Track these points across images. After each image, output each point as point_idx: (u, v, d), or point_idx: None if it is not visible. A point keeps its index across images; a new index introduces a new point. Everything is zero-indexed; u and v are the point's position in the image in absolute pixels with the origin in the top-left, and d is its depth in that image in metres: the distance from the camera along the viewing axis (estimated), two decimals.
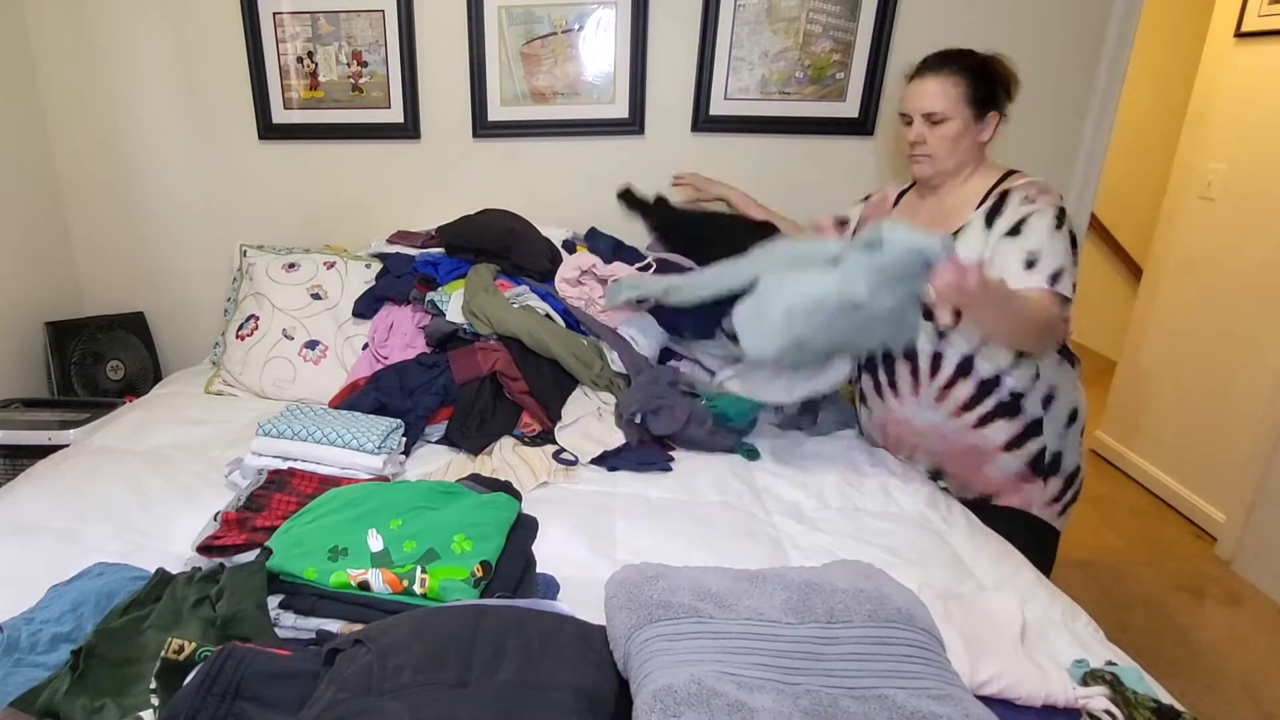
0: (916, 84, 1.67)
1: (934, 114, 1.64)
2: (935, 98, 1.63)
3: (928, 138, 1.66)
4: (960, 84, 1.62)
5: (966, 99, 1.63)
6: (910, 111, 1.68)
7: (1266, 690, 2.14)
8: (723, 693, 0.81)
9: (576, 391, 1.98)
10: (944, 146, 1.66)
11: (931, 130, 1.65)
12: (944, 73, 1.63)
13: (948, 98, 1.63)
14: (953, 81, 1.62)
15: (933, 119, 1.64)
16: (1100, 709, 1.00)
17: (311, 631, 1.13)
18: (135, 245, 2.67)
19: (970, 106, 1.63)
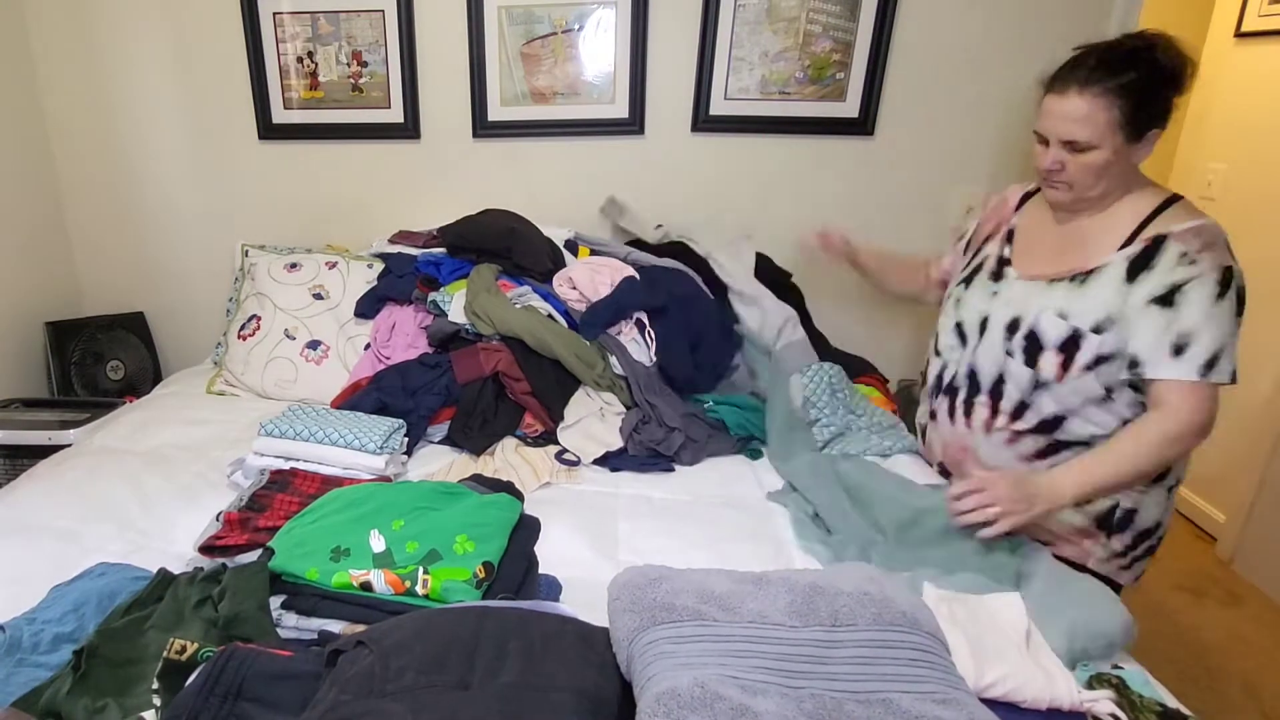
0: (1057, 101, 1.35)
1: (1077, 142, 1.34)
2: (1080, 124, 1.32)
3: (1068, 165, 1.37)
4: (1115, 106, 1.29)
5: (1121, 123, 1.30)
6: (1047, 134, 1.38)
7: (1266, 690, 2.15)
8: (726, 696, 0.81)
9: (579, 392, 1.98)
10: (1088, 177, 1.36)
11: (1073, 157, 1.36)
12: (1095, 90, 1.30)
13: (1095, 125, 1.31)
14: (1105, 104, 1.30)
15: (1075, 146, 1.35)
16: (1106, 712, 1.00)
17: (313, 632, 1.13)
18: (135, 245, 2.67)
19: (1125, 130, 1.31)
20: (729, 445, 1.87)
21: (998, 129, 2.33)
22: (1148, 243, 1.34)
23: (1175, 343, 1.31)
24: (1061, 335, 1.40)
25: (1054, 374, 1.41)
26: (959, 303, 1.61)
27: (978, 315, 1.55)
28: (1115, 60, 1.31)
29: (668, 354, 1.99)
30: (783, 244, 2.40)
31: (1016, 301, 1.48)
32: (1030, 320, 1.44)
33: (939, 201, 2.43)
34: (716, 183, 2.46)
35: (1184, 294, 1.30)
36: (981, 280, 1.58)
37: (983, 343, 1.52)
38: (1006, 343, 1.48)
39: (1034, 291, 1.46)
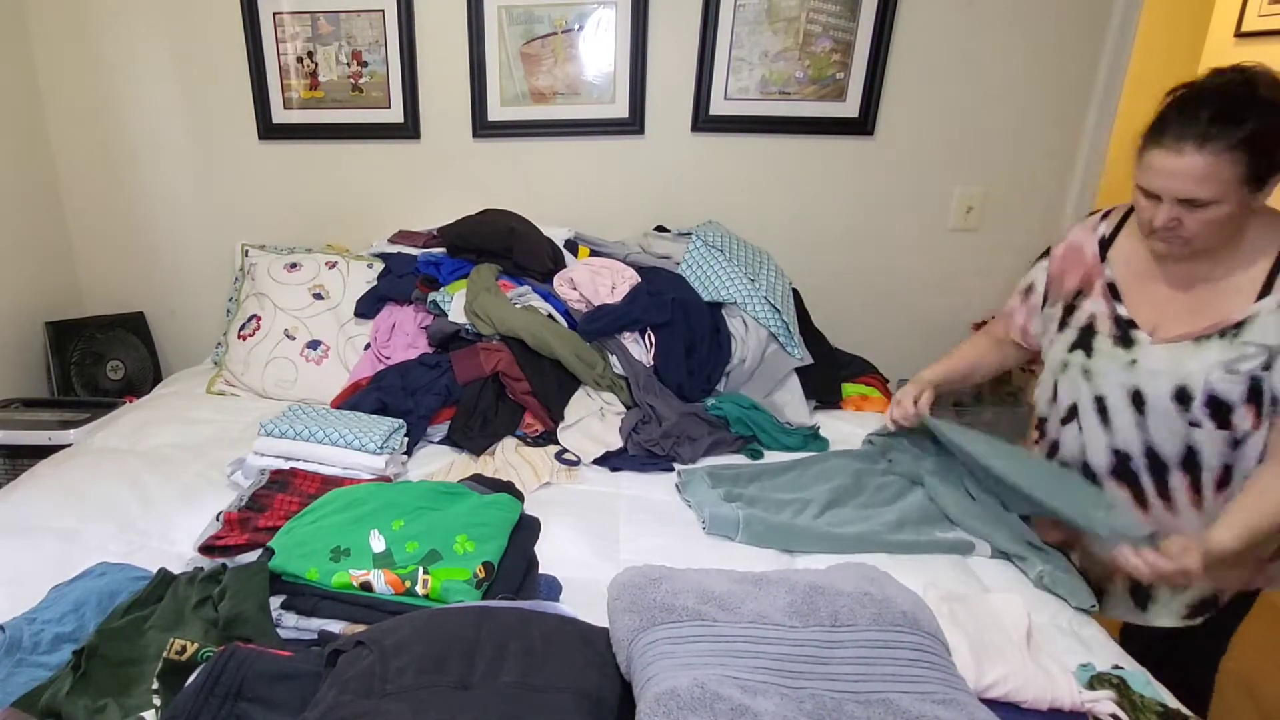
0: (1170, 159, 1.20)
1: (1197, 200, 1.20)
2: (1202, 184, 1.18)
3: (1186, 222, 1.23)
4: (1240, 161, 1.16)
5: (1244, 178, 1.17)
6: (1158, 192, 1.23)
7: (1267, 690, 2.14)
8: (726, 696, 0.81)
9: (579, 392, 1.98)
10: (1209, 231, 1.24)
11: (1193, 214, 1.22)
12: (1216, 147, 1.16)
13: (1219, 183, 1.18)
14: (1230, 159, 1.16)
15: (1195, 204, 1.21)
16: (1107, 713, 1.00)
17: (313, 632, 1.13)
18: (135, 245, 2.67)
19: (1250, 184, 1.19)
20: (729, 443, 1.87)
21: (997, 129, 2.33)
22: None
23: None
24: (1242, 388, 1.29)
25: (1250, 423, 1.31)
26: (1089, 374, 1.45)
27: (1123, 390, 1.40)
28: (1232, 110, 1.17)
29: (664, 360, 1.99)
30: (783, 244, 2.40)
31: (1167, 369, 1.35)
32: (1202, 385, 1.31)
33: (939, 201, 2.43)
34: (716, 183, 2.46)
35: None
36: (1106, 347, 1.42)
37: (1147, 419, 1.39)
38: (1186, 414, 1.34)
39: (1183, 354, 1.33)
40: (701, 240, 2.23)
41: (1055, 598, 1.36)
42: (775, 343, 2.08)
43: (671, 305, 2.03)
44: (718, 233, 2.26)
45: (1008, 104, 2.30)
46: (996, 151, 2.36)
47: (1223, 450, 1.34)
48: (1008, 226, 2.44)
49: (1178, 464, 1.39)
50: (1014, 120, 2.31)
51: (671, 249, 2.29)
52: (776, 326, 2.08)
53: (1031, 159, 2.36)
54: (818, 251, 2.49)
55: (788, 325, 2.09)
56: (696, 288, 2.13)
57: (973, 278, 2.49)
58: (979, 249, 2.43)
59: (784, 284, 2.21)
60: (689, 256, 2.21)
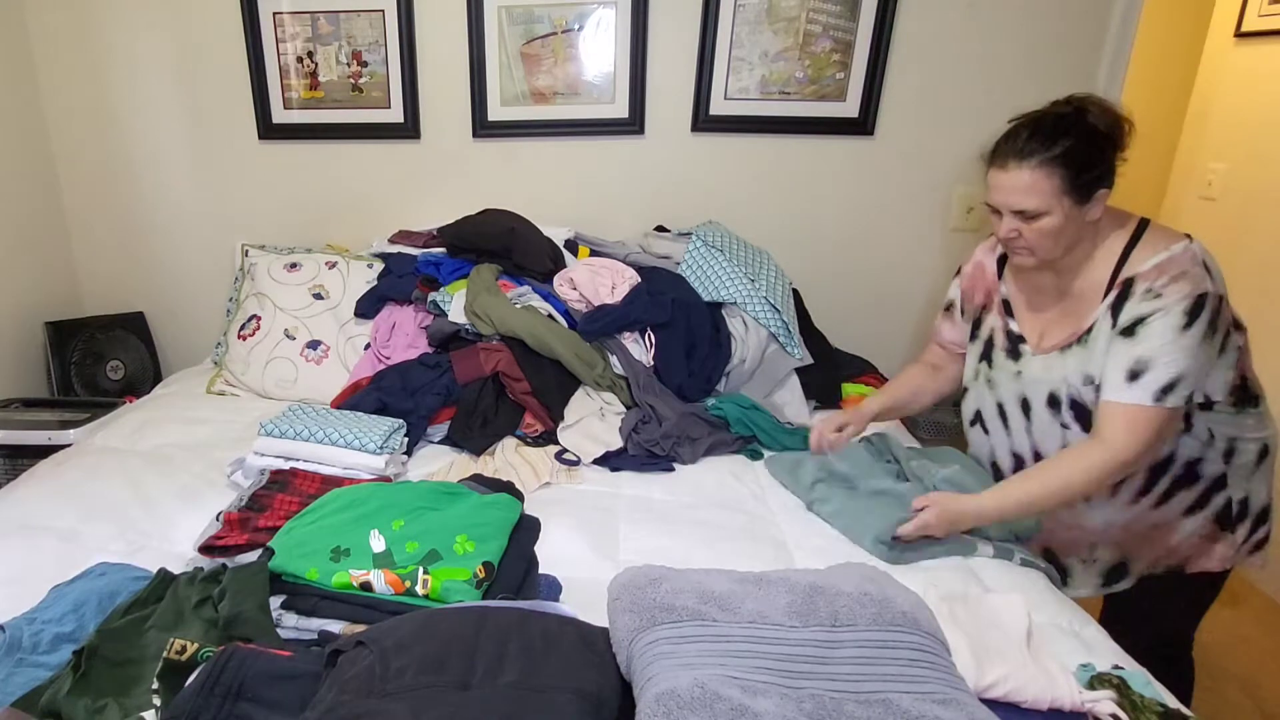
0: (999, 175, 1.39)
1: (1026, 211, 1.37)
2: (1026, 194, 1.36)
3: (1024, 232, 1.40)
4: (1055, 174, 1.34)
5: (1065, 189, 1.34)
6: (997, 206, 1.42)
7: (1266, 690, 2.14)
8: (726, 696, 0.81)
9: (579, 392, 1.98)
10: (1045, 241, 1.39)
11: (1027, 225, 1.39)
12: (1033, 161, 1.35)
13: (1040, 193, 1.35)
14: (1045, 173, 1.34)
15: (1026, 215, 1.38)
16: (1107, 713, 0.99)
17: (313, 632, 1.13)
18: (135, 245, 2.67)
19: (1071, 195, 1.35)
20: (729, 443, 1.87)
21: (997, 129, 2.32)
22: (1120, 287, 1.38)
23: (1131, 369, 1.34)
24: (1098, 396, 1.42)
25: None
26: (991, 383, 1.61)
27: (1014, 397, 1.57)
28: (1047, 130, 1.36)
29: (664, 360, 1.99)
30: (783, 244, 2.40)
31: (1042, 378, 1.51)
32: (1066, 393, 1.47)
33: (939, 201, 2.43)
34: (716, 183, 2.46)
35: (1146, 326, 1.33)
36: (1000, 360, 1.59)
37: (1032, 424, 1.54)
38: (1058, 416, 1.49)
39: (1053, 364, 1.49)
40: (701, 240, 2.23)
41: (1055, 597, 1.36)
42: (775, 343, 2.08)
43: (671, 305, 2.03)
44: (718, 233, 2.26)
45: (1008, 104, 2.27)
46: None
47: None
48: None
49: None
50: None
51: (671, 249, 2.29)
52: (776, 327, 2.08)
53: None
54: (818, 251, 2.49)
55: (788, 325, 2.09)
56: (696, 288, 2.13)
57: None
58: None
59: (784, 284, 2.21)
60: (689, 256, 2.21)
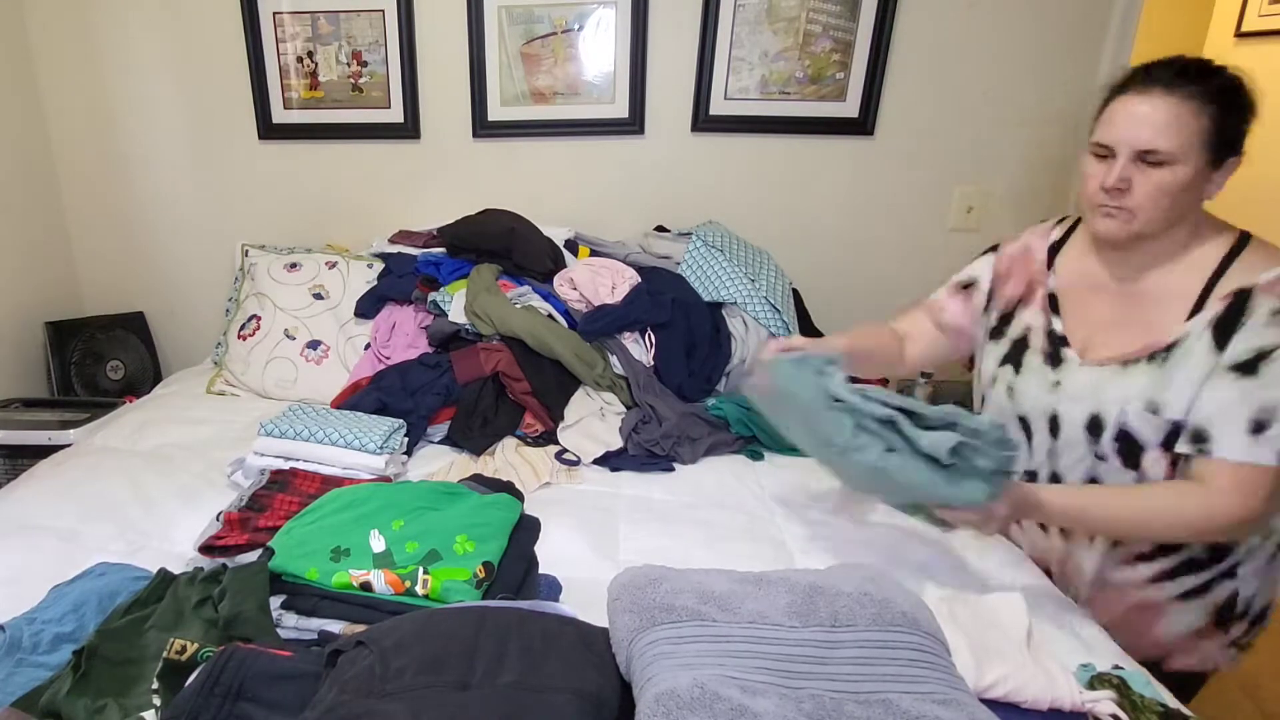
0: (1133, 103, 1.12)
1: (1156, 152, 1.10)
2: (1164, 129, 1.09)
3: (1136, 184, 1.13)
4: (1204, 113, 1.09)
5: (1209, 136, 1.10)
6: (1115, 143, 1.14)
7: (1266, 690, 2.14)
8: (726, 697, 0.81)
9: (579, 392, 1.98)
10: (1159, 202, 1.12)
11: (1145, 174, 1.12)
12: (1182, 93, 1.09)
13: (1183, 130, 1.09)
14: (1195, 108, 1.09)
15: (1150, 159, 1.11)
16: (1107, 713, 0.99)
17: (313, 632, 1.13)
18: (135, 245, 2.67)
19: (1211, 148, 1.11)
20: (729, 443, 1.87)
21: (997, 129, 2.33)
22: (1230, 299, 1.12)
23: (1255, 418, 1.08)
24: (1162, 432, 1.18)
25: (1163, 472, 1.20)
26: (1012, 391, 1.36)
27: (1043, 412, 1.32)
28: (1201, 66, 1.12)
29: (664, 360, 1.99)
30: (783, 244, 2.40)
31: (1088, 395, 1.25)
32: (1116, 417, 1.21)
33: (939, 201, 2.43)
34: (716, 183, 2.46)
35: (1272, 360, 1.08)
36: (1035, 365, 1.33)
37: (1059, 445, 1.30)
38: (1094, 445, 1.25)
39: (1107, 380, 1.23)
40: (701, 240, 2.23)
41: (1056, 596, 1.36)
42: None
43: (672, 305, 2.03)
44: (718, 233, 2.26)
45: (1008, 104, 2.30)
46: (996, 151, 2.36)
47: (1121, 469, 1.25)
48: (1008, 226, 2.42)
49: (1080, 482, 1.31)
50: (1014, 120, 2.31)
51: (671, 249, 2.29)
52: (776, 327, 2.08)
53: (1031, 159, 2.36)
54: (818, 251, 2.49)
55: (788, 325, 2.09)
56: (696, 288, 2.14)
57: None
58: (979, 249, 2.41)
59: (784, 284, 2.21)
60: (689, 256, 2.21)
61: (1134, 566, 1.31)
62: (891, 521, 1.58)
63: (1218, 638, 1.33)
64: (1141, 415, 1.19)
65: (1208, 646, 1.33)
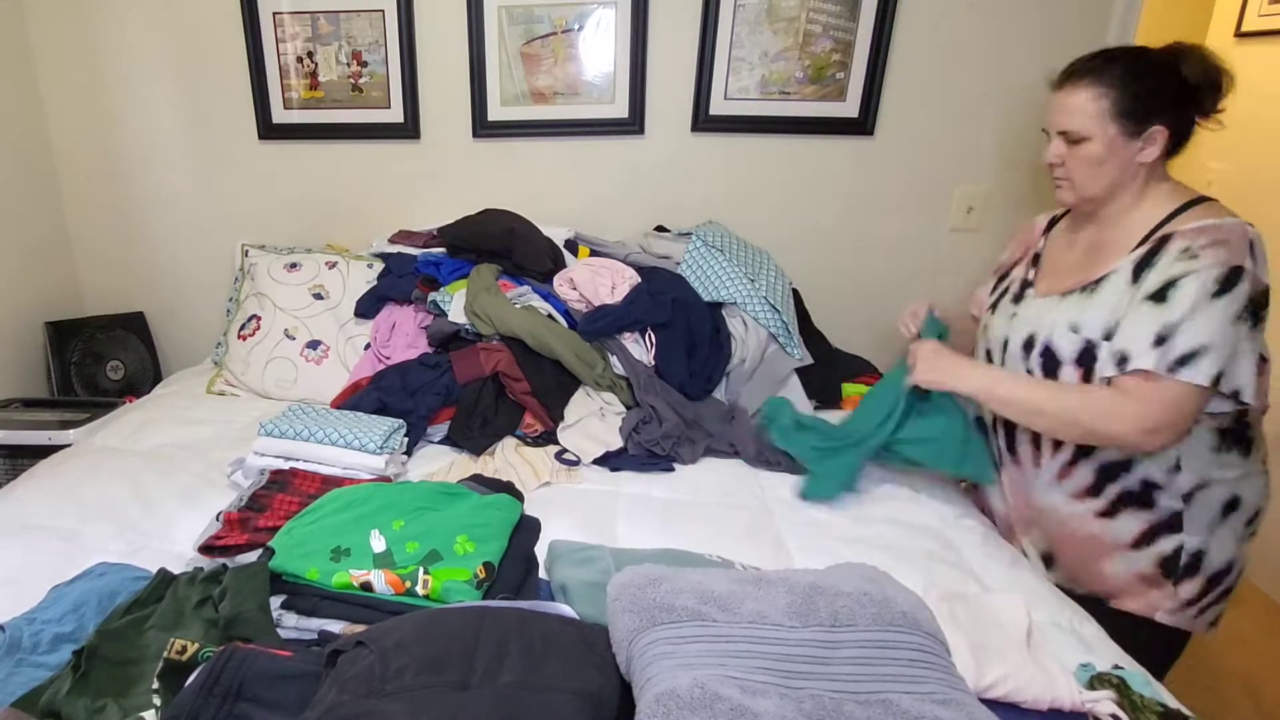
0: (1056, 95, 1.40)
1: (1070, 132, 1.37)
2: (1072, 113, 1.36)
3: (1066, 159, 1.40)
4: (1105, 96, 1.33)
5: (1113, 113, 1.33)
6: (1048, 128, 1.43)
7: (1266, 690, 2.15)
8: (726, 697, 0.81)
9: (579, 392, 1.98)
10: (1085, 171, 1.38)
11: (1070, 150, 1.39)
12: (1086, 81, 1.34)
13: (1085, 113, 1.34)
14: (1096, 93, 1.33)
15: (1069, 138, 1.38)
16: (1107, 713, 0.99)
17: (314, 632, 1.13)
18: (135, 245, 2.67)
19: (1119, 121, 1.33)
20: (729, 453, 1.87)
21: (997, 129, 2.33)
22: (1153, 243, 1.33)
23: (1158, 334, 1.27)
24: (1076, 348, 1.38)
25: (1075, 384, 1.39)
26: (986, 328, 1.62)
27: (1000, 340, 1.55)
28: (1111, 55, 1.36)
29: (664, 360, 1.99)
30: (783, 244, 2.40)
31: (1031, 319, 1.48)
32: (1044, 337, 1.44)
33: (939, 201, 2.43)
34: (716, 183, 2.46)
35: (1177, 288, 1.26)
36: (1005, 305, 1.59)
37: (1006, 367, 1.53)
38: (1025, 362, 1.47)
39: (1048, 308, 1.46)
40: (701, 240, 2.23)
41: (1056, 596, 1.36)
42: (775, 343, 2.08)
43: (672, 305, 2.03)
44: (718, 233, 2.26)
45: (1008, 104, 2.29)
46: (996, 151, 2.35)
47: None
48: (1008, 226, 2.43)
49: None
50: (1014, 120, 2.31)
51: (671, 249, 2.29)
52: (776, 327, 2.08)
53: (1032, 159, 2.36)
54: (818, 251, 2.48)
55: (788, 325, 2.09)
56: (696, 288, 2.13)
57: (973, 277, 2.49)
58: (979, 249, 2.43)
59: (784, 284, 2.21)
60: (689, 257, 2.21)
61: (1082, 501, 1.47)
62: (891, 519, 1.59)
63: (1166, 588, 1.44)
64: (1064, 334, 1.40)
65: (1155, 596, 1.45)
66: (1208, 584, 1.43)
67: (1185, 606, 1.44)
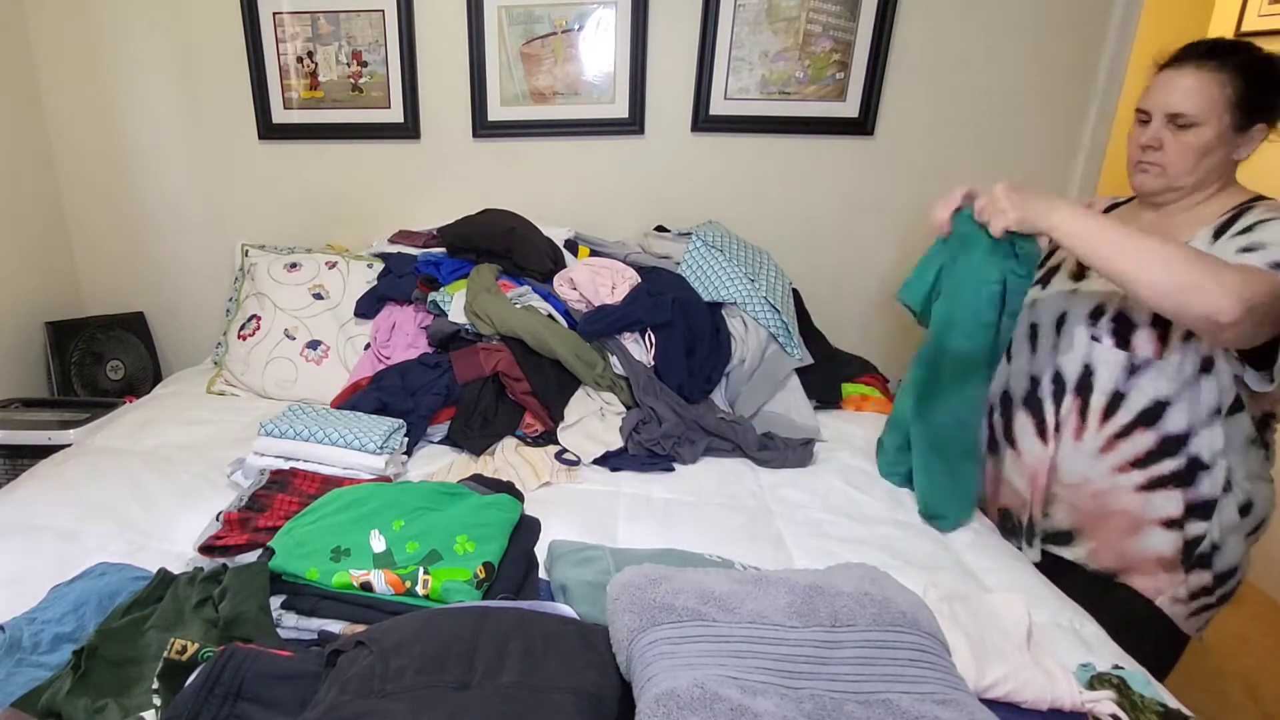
0: (1169, 75, 1.33)
1: (1183, 115, 1.30)
2: (1190, 96, 1.29)
3: (1167, 143, 1.33)
4: (1229, 84, 1.28)
5: (1231, 104, 1.28)
6: (1151, 108, 1.35)
7: (1266, 690, 2.15)
8: (726, 697, 0.81)
9: (579, 392, 1.98)
10: (1186, 159, 1.32)
11: (1175, 135, 1.32)
12: (1209, 67, 1.29)
13: (1206, 98, 1.29)
14: (1219, 80, 1.28)
15: (1179, 121, 1.31)
16: (1107, 713, 0.99)
17: (314, 632, 1.13)
18: (135, 245, 2.67)
19: (1234, 114, 1.29)
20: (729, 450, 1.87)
21: (998, 129, 2.33)
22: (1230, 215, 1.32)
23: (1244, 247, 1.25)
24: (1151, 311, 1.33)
25: (1152, 350, 1.33)
26: (1035, 304, 1.54)
27: (1053, 314, 1.49)
28: (1232, 46, 1.32)
29: (664, 360, 1.99)
30: (783, 244, 2.40)
31: (1098, 293, 1.43)
32: (1115, 305, 1.38)
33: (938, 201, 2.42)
34: (716, 183, 2.46)
35: (1259, 228, 1.26)
36: (1060, 280, 1.52)
37: (1062, 339, 1.47)
38: (1092, 328, 1.41)
39: None
40: (701, 240, 2.23)
41: (1056, 596, 1.36)
42: (775, 343, 2.08)
43: (672, 305, 2.03)
44: (718, 233, 2.26)
45: (1008, 104, 2.29)
46: (996, 151, 2.35)
47: (1117, 375, 1.39)
48: None
49: (1074, 386, 1.45)
50: (1014, 120, 2.31)
51: (671, 249, 2.29)
52: (776, 327, 2.08)
53: (1031, 159, 2.36)
54: (818, 251, 2.48)
55: (787, 325, 2.09)
56: (696, 288, 2.13)
57: None
58: None
59: (784, 284, 2.21)
60: (689, 256, 2.21)
61: (1124, 473, 1.43)
62: (891, 519, 1.59)
63: (1178, 574, 1.43)
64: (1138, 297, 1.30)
65: (1164, 579, 1.45)
66: (1214, 580, 1.44)
67: (1188, 599, 1.45)
